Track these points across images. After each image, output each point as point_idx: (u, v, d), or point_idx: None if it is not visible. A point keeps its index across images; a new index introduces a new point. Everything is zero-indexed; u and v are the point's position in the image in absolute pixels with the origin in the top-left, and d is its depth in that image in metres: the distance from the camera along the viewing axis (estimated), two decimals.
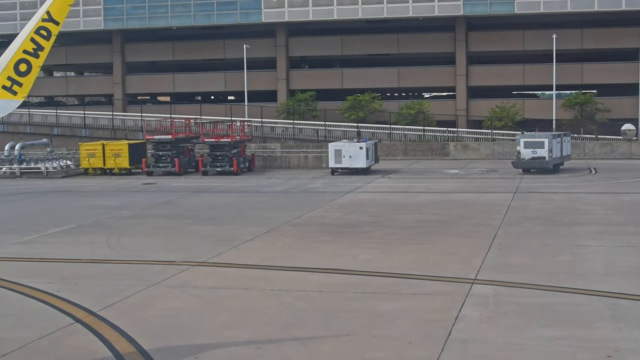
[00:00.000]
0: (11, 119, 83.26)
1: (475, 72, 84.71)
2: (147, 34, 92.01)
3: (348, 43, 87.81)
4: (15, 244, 29.71)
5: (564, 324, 17.60)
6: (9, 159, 62.17)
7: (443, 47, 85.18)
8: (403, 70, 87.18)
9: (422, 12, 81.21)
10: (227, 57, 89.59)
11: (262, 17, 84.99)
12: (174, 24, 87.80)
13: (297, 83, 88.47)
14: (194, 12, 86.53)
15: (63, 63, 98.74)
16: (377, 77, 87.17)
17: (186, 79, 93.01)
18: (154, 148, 58.93)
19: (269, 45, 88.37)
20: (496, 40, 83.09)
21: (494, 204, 38.07)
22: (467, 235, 29.34)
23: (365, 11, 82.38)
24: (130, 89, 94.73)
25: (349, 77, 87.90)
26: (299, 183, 50.57)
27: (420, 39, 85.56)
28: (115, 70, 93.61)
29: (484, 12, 79.97)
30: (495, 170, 55.74)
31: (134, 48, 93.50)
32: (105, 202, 42.42)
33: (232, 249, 27.47)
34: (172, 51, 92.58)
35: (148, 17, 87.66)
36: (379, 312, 18.95)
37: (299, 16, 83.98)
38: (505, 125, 75.34)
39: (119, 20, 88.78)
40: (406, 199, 40.92)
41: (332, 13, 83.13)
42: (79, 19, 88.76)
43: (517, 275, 22.38)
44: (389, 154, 67.21)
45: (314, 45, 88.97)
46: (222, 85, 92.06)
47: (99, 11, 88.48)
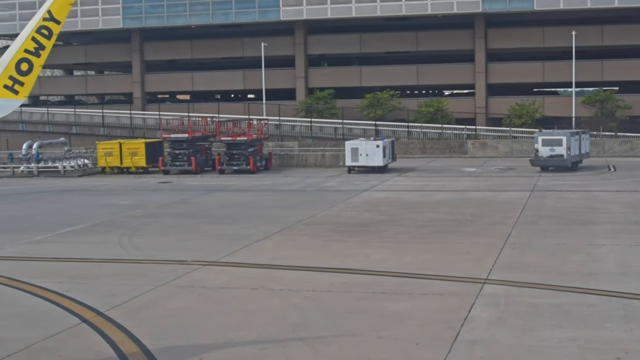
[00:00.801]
0: (30, 118, 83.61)
1: (494, 70, 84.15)
2: (165, 33, 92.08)
3: (367, 41, 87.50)
4: (27, 243, 29.72)
5: (574, 324, 17.35)
6: (26, 158, 62.38)
7: (462, 45, 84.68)
8: (422, 68, 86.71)
9: (441, 9, 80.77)
10: (245, 55, 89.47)
11: (280, 15, 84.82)
12: (192, 23, 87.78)
13: (316, 81, 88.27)
14: (212, 10, 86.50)
15: (82, 62, 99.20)
16: (395, 75, 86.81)
17: (205, 77, 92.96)
18: (171, 147, 58.92)
19: (287, 43, 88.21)
20: (515, 37, 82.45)
21: (510, 202, 37.76)
22: (481, 234, 29.08)
23: (384, 8, 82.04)
24: (149, 88, 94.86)
25: (368, 75, 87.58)
26: (314, 182, 50.41)
27: (439, 36, 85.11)
28: (134, 69, 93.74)
29: (503, 8, 79.44)
30: (513, 168, 55.36)
31: (153, 47, 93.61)
32: (120, 201, 42.43)
33: (243, 248, 27.35)
34: (190, 50, 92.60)
35: (166, 15, 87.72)
36: (387, 312, 18.77)
37: (317, 14, 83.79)
38: (524, 122, 74.84)
39: (137, 19, 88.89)
40: (421, 198, 40.68)
41: (350, 11, 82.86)
42: (98, 17, 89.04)
43: (530, 275, 22.13)
44: (407, 152, 66.95)
45: (333, 43, 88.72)
46: (241, 83, 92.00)
47: (118, 10, 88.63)
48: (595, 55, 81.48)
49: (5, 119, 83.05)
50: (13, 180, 58.41)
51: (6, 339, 17.35)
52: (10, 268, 25.04)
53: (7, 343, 17.03)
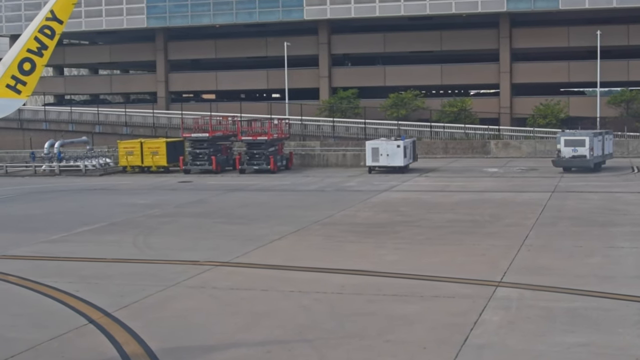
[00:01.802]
0: (54, 117, 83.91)
1: (519, 69, 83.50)
2: (189, 32, 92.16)
3: (391, 40, 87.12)
4: (43, 242, 29.73)
5: (587, 329, 17.03)
6: (48, 157, 62.59)
7: (486, 44, 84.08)
8: (446, 68, 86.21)
9: (465, 9, 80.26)
10: (269, 54, 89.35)
11: (304, 15, 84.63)
12: (216, 22, 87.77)
13: (340, 80, 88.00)
14: (236, 9, 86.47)
15: (107, 61, 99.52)
16: (419, 75, 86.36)
17: (229, 76, 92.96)
18: (192, 146, 58.88)
19: (311, 42, 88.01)
20: (540, 37, 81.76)
21: (530, 203, 37.36)
22: (498, 236, 28.75)
23: (408, 8, 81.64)
24: (174, 87, 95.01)
25: (392, 75, 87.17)
26: (334, 181, 50.18)
27: (463, 36, 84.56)
28: (159, 68, 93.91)
29: (528, 8, 78.80)
30: (535, 168, 54.83)
31: (177, 46, 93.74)
32: (139, 200, 42.42)
33: (257, 249, 27.20)
34: (214, 49, 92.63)
35: (190, 15, 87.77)
36: (397, 315, 18.53)
37: (340, 13, 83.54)
38: (549, 123, 74.19)
39: (161, 19, 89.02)
40: (440, 198, 40.34)
41: (374, 10, 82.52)
42: (122, 17, 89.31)
43: (544, 278, 21.79)
44: (429, 152, 66.57)
45: (356, 43, 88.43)
46: (265, 83, 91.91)
47: (142, 9, 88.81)
48: (620, 55, 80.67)
49: (29, 117, 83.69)
50: (35, 179, 58.58)
51: (12, 339, 17.30)
52: (23, 267, 25.04)
53: (13, 343, 16.97)
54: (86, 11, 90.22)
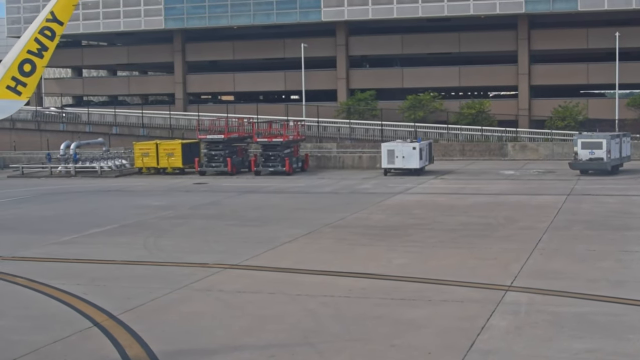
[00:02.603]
0: (71, 118, 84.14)
1: (537, 71, 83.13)
2: (207, 34, 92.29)
3: (408, 42, 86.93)
4: (53, 244, 29.71)
5: (595, 335, 16.74)
6: (64, 158, 62.73)
7: (505, 46, 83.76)
8: (464, 69, 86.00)
9: (484, 10, 79.98)
10: (287, 56, 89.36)
11: (322, 16, 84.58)
12: (234, 24, 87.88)
13: (357, 82, 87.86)
14: (253, 11, 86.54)
15: (125, 62, 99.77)
16: (437, 76, 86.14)
17: (246, 78, 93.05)
18: (207, 147, 58.85)
19: (329, 44, 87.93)
20: (559, 39, 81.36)
21: (545, 206, 37.03)
22: (511, 239, 28.47)
23: (426, 9, 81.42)
24: (191, 88, 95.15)
25: (409, 76, 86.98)
26: (349, 184, 49.97)
27: (481, 37, 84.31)
28: (176, 70, 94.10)
29: (546, 9, 78.41)
30: (552, 171, 54.41)
31: (195, 47, 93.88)
32: (153, 202, 42.39)
33: (267, 251, 27.03)
34: (232, 50, 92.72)
35: (208, 16, 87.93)
36: (404, 319, 18.31)
37: (358, 15, 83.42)
38: (567, 125, 73.68)
39: (179, 20, 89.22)
40: (455, 201, 40.06)
41: (392, 11, 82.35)
42: (140, 18, 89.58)
43: (555, 282, 21.50)
44: (446, 154, 66.26)
45: (374, 44, 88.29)
46: (282, 84, 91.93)
47: (160, 11, 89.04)
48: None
49: (46, 119, 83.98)
50: (50, 180, 58.73)
51: (15, 342, 17.21)
52: (32, 269, 25.00)
53: (16, 346, 16.89)
54: (104, 12, 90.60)
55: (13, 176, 61.96)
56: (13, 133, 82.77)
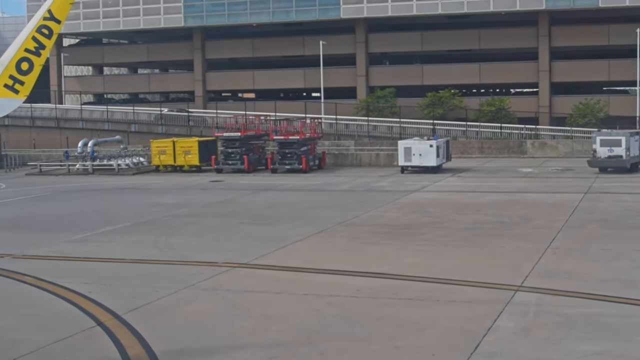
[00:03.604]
0: (91, 116, 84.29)
1: (558, 68, 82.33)
2: (227, 31, 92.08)
3: (428, 39, 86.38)
4: (65, 242, 29.69)
5: (603, 337, 16.47)
6: (82, 155, 62.82)
7: (525, 43, 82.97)
8: (484, 66, 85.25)
9: (504, 7, 79.27)
10: (306, 53, 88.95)
11: (341, 13, 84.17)
12: (253, 21, 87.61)
13: (377, 79, 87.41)
14: (273, 8, 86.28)
15: (145, 60, 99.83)
16: (457, 73, 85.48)
17: (266, 75, 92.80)
18: (224, 145, 58.74)
19: (348, 41, 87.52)
20: (580, 35, 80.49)
21: (561, 204, 36.61)
22: (524, 238, 28.14)
23: (445, 6, 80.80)
24: (211, 86, 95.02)
25: (429, 73, 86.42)
26: (366, 181, 49.70)
27: (501, 34, 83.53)
28: (196, 67, 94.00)
29: (567, 6, 77.61)
30: (571, 169, 53.87)
31: (214, 45, 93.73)
32: (167, 200, 42.33)
33: (278, 250, 26.87)
34: (252, 48, 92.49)
35: (227, 14, 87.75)
36: (409, 320, 18.10)
37: (377, 12, 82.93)
38: (588, 122, 72.95)
39: (198, 18, 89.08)
40: (470, 199, 39.70)
41: (411, 8, 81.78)
42: (159, 16, 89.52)
43: (566, 283, 21.20)
44: (464, 152, 65.82)
45: (394, 41, 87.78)
46: (302, 82, 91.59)
47: (179, 8, 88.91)
48: None
49: (66, 116, 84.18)
50: (67, 178, 58.83)
51: (18, 341, 17.17)
52: (41, 267, 25.01)
53: (18, 345, 16.85)
54: (124, 10, 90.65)
55: (31, 174, 62.10)
56: (33, 131, 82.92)
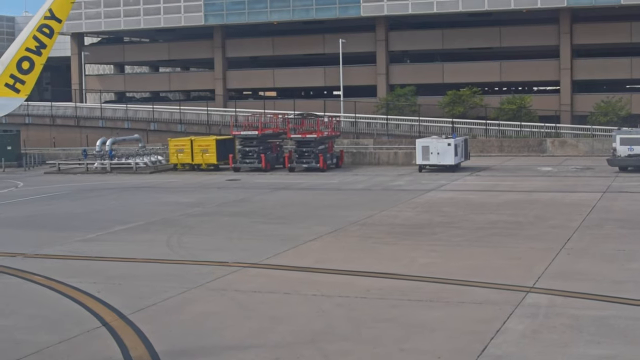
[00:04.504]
0: (110, 115, 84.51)
1: (580, 66, 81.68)
2: (247, 29, 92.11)
3: (449, 36, 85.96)
4: (77, 241, 29.65)
5: (614, 340, 16.14)
6: (100, 154, 62.96)
7: (547, 40, 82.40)
8: (505, 64, 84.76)
9: (525, 4, 78.72)
10: (326, 51, 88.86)
11: (361, 11, 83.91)
12: (273, 19, 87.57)
13: (397, 78, 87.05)
14: (293, 6, 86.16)
15: (166, 59, 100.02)
16: (478, 71, 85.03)
17: (286, 74, 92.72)
18: (241, 144, 58.66)
19: (368, 39, 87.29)
20: (602, 33, 79.87)
21: (578, 204, 36.21)
22: (539, 238, 27.79)
23: (466, 4, 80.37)
24: (231, 84, 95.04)
25: (450, 71, 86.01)
26: (383, 180, 49.43)
27: (523, 32, 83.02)
28: (216, 66, 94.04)
29: (589, 3, 77.00)
30: (591, 167, 53.36)
31: (235, 43, 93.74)
32: (183, 199, 42.28)
33: (290, 250, 26.68)
34: (272, 46, 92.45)
35: (247, 12, 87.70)
36: (417, 322, 17.85)
37: (397, 10, 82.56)
38: (610, 120, 72.32)
39: (219, 16, 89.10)
40: (487, 198, 39.35)
41: (432, 6, 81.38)
42: (180, 15, 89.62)
43: (579, 284, 20.88)
44: (484, 150, 65.41)
45: (414, 39, 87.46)
46: (322, 80, 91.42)
47: (200, 7, 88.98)
48: None
49: (86, 115, 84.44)
50: (85, 176, 58.98)
51: (22, 341, 17.08)
52: (52, 267, 24.96)
53: (21, 346, 16.76)
54: (145, 9, 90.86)
55: (49, 172, 62.33)
56: (53, 129, 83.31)
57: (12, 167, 67.59)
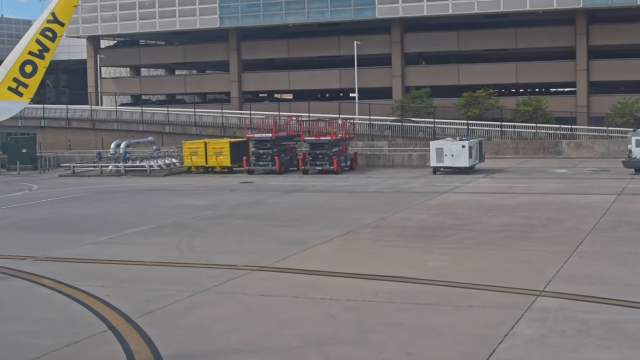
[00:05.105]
0: (127, 117, 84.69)
1: (596, 67, 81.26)
2: (263, 32, 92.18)
3: (465, 38, 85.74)
4: (89, 244, 29.64)
5: (623, 345, 15.94)
6: (114, 157, 63.06)
7: (563, 42, 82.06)
8: (521, 66, 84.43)
9: (541, 6, 78.41)
10: (342, 54, 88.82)
11: (376, 14, 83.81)
12: (289, 22, 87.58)
13: (413, 80, 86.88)
14: (308, 9, 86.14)
15: (182, 61, 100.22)
16: (494, 73, 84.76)
17: (302, 76, 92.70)
18: (256, 146, 58.56)
19: (384, 41, 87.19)
20: (619, 34, 79.41)
21: (592, 206, 35.92)
22: (552, 242, 27.56)
23: (482, 5, 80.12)
24: (247, 87, 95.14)
25: (466, 73, 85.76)
26: (396, 183, 49.23)
27: (539, 33, 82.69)
28: (232, 68, 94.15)
29: (605, 4, 76.61)
30: (606, 170, 52.96)
31: (250, 46, 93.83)
32: (196, 202, 42.25)
33: (299, 253, 26.56)
34: (287, 49, 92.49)
35: (263, 15, 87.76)
36: (425, 326, 17.70)
37: (413, 12, 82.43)
38: (627, 122, 71.85)
39: (234, 19, 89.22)
40: (501, 201, 39.11)
41: (447, 8, 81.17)
42: (195, 17, 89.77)
43: (591, 288, 20.67)
44: (499, 153, 65.09)
45: (430, 41, 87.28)
46: (338, 82, 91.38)
47: (215, 10, 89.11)
48: None
49: (101, 118, 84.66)
50: (100, 179, 59.10)
51: (27, 346, 17.04)
52: (62, 270, 24.93)
53: (26, 350, 16.72)
54: (160, 12, 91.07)
55: (64, 175, 62.49)
56: (69, 132, 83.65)
57: (28, 170, 67.84)
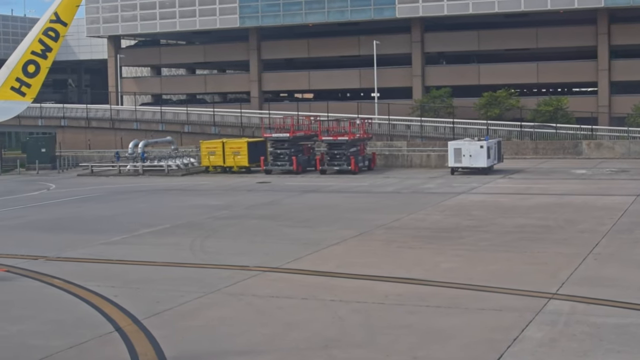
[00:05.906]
0: (145, 117, 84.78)
1: (618, 67, 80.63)
2: (282, 31, 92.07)
3: (485, 38, 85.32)
4: (101, 244, 29.60)
5: (635, 349, 15.67)
6: (132, 156, 63.16)
7: (584, 41, 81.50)
8: (542, 65, 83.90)
9: (562, 5, 77.90)
10: (362, 53, 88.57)
11: (396, 13, 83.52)
12: (308, 21, 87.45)
13: (433, 79, 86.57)
14: (328, 8, 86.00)
15: (201, 61, 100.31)
16: (514, 73, 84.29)
17: (321, 76, 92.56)
18: (273, 146, 58.46)
19: (404, 41, 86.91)
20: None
21: (610, 207, 35.53)
22: (567, 243, 27.25)
23: (502, 5, 79.69)
24: (267, 86, 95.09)
25: (486, 73, 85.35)
26: (413, 183, 48.98)
27: (560, 33, 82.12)
28: (252, 68, 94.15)
29: (626, 3, 76.02)
30: (626, 170, 52.45)
31: (270, 45, 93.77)
32: (211, 202, 42.18)
33: (312, 254, 26.39)
34: (307, 48, 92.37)
35: (282, 14, 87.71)
36: (434, 329, 17.48)
37: (433, 11, 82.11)
38: None
39: (254, 18, 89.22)
40: (518, 201, 38.78)
41: (467, 7, 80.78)
42: (215, 17, 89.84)
43: (604, 290, 20.37)
44: (518, 153, 64.65)
45: (450, 41, 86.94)
46: (357, 82, 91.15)
47: (235, 9, 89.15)
48: None
49: (120, 117, 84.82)
50: (117, 179, 59.19)
51: (33, 346, 16.97)
52: (72, 270, 24.89)
53: (32, 350, 16.67)
54: (180, 12, 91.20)
55: (82, 175, 62.69)
56: (88, 132, 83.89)
57: (46, 169, 68.13)
